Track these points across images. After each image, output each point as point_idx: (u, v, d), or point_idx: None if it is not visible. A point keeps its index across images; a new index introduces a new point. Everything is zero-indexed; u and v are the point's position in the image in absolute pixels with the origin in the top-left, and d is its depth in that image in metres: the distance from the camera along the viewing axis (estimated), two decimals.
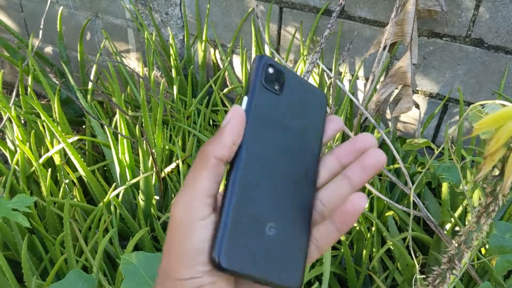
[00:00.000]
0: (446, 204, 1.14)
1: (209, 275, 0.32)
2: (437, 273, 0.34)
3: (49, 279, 0.90)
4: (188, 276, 0.32)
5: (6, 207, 0.86)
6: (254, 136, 0.35)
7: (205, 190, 0.33)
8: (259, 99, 0.36)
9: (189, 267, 0.32)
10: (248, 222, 0.33)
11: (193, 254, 0.32)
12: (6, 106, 1.24)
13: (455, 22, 1.27)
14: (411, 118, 1.46)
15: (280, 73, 0.37)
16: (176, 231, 0.33)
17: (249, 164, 0.34)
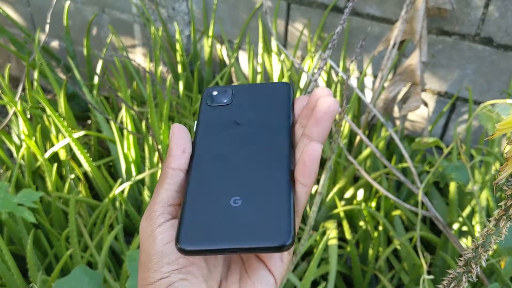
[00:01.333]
0: (453, 204, 1.13)
1: (176, 273, 0.34)
2: (452, 277, 0.34)
3: (54, 274, 0.90)
4: (156, 278, 0.34)
5: (12, 202, 0.86)
6: (206, 141, 0.39)
7: (163, 200, 0.36)
8: (205, 115, 0.41)
9: (156, 270, 0.34)
10: (207, 203, 0.35)
11: (158, 258, 0.34)
12: (13, 100, 1.24)
13: (464, 20, 1.26)
14: (419, 117, 1.44)
15: (225, 90, 0.42)
16: (143, 243, 0.36)
17: (202, 158, 0.38)
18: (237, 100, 0.41)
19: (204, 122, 0.40)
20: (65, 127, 1.14)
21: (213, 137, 0.39)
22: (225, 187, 0.36)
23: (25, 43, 1.65)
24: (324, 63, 0.50)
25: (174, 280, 0.34)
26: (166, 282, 0.34)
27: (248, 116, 0.40)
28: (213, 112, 0.41)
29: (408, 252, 1.06)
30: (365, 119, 1.27)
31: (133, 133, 1.13)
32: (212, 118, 0.40)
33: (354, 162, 0.97)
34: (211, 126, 0.40)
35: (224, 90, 0.42)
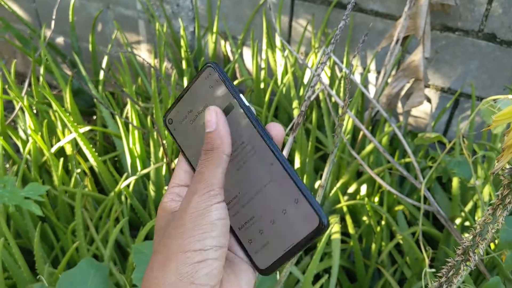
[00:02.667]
0: (456, 199, 1.14)
1: (215, 251, 0.36)
2: (451, 265, 0.34)
3: (60, 267, 0.91)
4: (197, 248, 0.35)
5: (19, 195, 0.87)
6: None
7: (220, 181, 0.38)
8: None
9: (198, 240, 0.35)
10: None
11: (207, 228, 0.36)
12: (19, 96, 1.25)
13: (468, 16, 1.26)
14: (422, 113, 1.45)
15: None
16: (194, 213, 0.37)
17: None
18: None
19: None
20: (71, 122, 1.15)
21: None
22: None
23: (30, 39, 1.67)
24: (327, 58, 0.51)
25: (210, 257, 0.35)
26: (204, 255, 0.35)
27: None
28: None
29: (410, 246, 1.06)
30: (369, 115, 1.27)
31: (139, 128, 1.14)
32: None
33: (357, 157, 0.98)
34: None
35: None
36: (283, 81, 1.49)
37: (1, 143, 1.20)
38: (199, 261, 0.35)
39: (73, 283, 0.74)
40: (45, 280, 0.83)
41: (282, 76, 1.53)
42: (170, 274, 0.35)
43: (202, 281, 0.35)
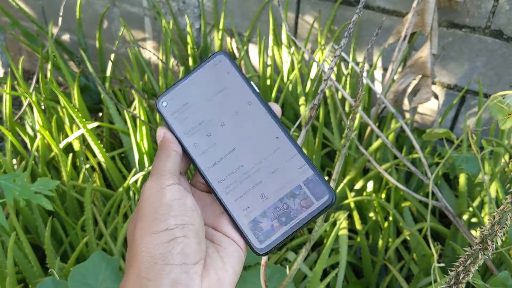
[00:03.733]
0: (463, 196, 1.14)
1: (180, 228, 0.36)
2: (468, 254, 0.35)
3: (71, 261, 0.92)
4: (163, 228, 0.36)
5: (29, 190, 0.87)
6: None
7: (170, 171, 0.40)
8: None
9: (162, 221, 0.36)
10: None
11: (165, 210, 0.37)
12: (27, 92, 1.26)
13: (475, 13, 1.26)
14: (428, 109, 1.45)
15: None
16: (148, 199, 0.38)
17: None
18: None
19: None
20: (80, 118, 1.16)
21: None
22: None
23: (37, 36, 1.67)
24: (340, 51, 0.51)
25: (177, 235, 0.36)
26: (170, 234, 0.36)
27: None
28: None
29: (418, 242, 1.07)
30: (376, 111, 1.28)
31: (147, 123, 1.15)
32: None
33: (365, 153, 0.98)
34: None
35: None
36: (289, 77, 1.49)
37: (10, 139, 1.21)
38: (168, 240, 0.35)
39: (85, 276, 0.75)
40: (56, 274, 0.84)
41: (288, 73, 1.53)
42: (144, 258, 0.35)
43: (177, 260, 0.35)
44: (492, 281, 0.72)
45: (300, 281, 1.08)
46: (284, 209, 0.38)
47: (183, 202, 0.38)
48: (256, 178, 0.39)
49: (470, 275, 0.35)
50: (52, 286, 0.75)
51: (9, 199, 0.80)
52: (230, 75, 0.42)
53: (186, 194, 0.39)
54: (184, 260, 0.35)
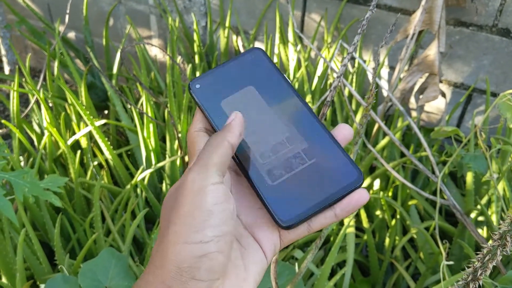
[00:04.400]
0: (470, 194, 1.14)
1: (216, 242, 0.33)
2: (487, 250, 0.35)
3: (79, 257, 0.92)
4: (197, 240, 0.33)
5: (39, 187, 0.88)
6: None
7: (217, 164, 0.36)
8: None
9: (198, 230, 0.33)
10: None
11: (205, 216, 0.33)
12: (35, 89, 1.26)
13: (482, 11, 1.26)
14: (435, 108, 1.45)
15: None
16: (189, 194, 0.34)
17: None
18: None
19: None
20: (87, 115, 1.16)
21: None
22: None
23: (44, 33, 1.68)
24: (354, 48, 0.51)
25: (211, 250, 0.33)
26: (204, 249, 0.33)
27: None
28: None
29: (425, 240, 1.07)
30: (383, 110, 1.27)
31: (154, 120, 1.15)
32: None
33: (372, 150, 0.98)
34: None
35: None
36: (296, 75, 1.49)
37: (18, 136, 1.21)
38: (200, 255, 0.33)
39: (94, 272, 0.75)
40: (65, 270, 0.84)
41: (294, 71, 1.53)
42: (171, 267, 0.33)
43: (203, 276, 0.33)
44: (502, 279, 0.72)
45: (307, 278, 1.09)
46: (312, 186, 0.38)
47: (224, 207, 0.34)
48: (284, 154, 0.40)
49: (488, 271, 0.36)
50: (62, 282, 0.75)
51: (19, 195, 0.80)
52: (267, 69, 0.44)
53: (229, 196, 0.35)
54: (210, 276, 0.33)
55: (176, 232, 0.33)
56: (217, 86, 0.43)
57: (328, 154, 0.39)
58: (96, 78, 1.69)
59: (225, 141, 0.37)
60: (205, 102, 0.43)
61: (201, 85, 0.43)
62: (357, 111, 1.39)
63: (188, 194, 0.34)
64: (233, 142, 0.38)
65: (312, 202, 0.38)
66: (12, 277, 0.94)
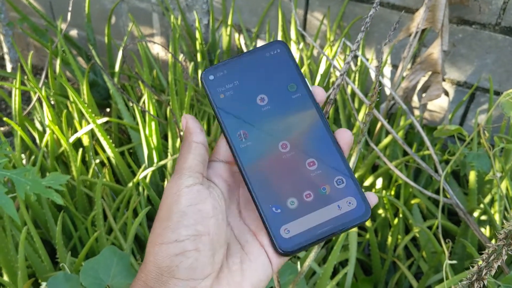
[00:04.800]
0: (473, 193, 1.14)
1: (192, 240, 0.34)
2: (492, 250, 0.35)
3: (81, 256, 0.92)
4: (172, 239, 0.34)
5: (41, 185, 0.87)
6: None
7: (191, 167, 0.37)
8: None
9: (173, 230, 0.34)
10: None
11: (178, 217, 0.34)
12: (37, 87, 1.26)
13: (485, 9, 1.25)
14: (437, 107, 1.45)
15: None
16: (165, 200, 0.36)
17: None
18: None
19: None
20: (90, 113, 1.16)
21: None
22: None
23: (46, 31, 1.67)
24: (357, 45, 0.51)
25: (188, 249, 0.33)
26: (180, 247, 0.33)
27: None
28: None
29: (428, 239, 1.06)
30: (386, 108, 1.27)
31: (156, 118, 1.14)
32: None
33: (375, 149, 0.98)
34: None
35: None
36: None
37: (20, 134, 1.21)
38: (176, 253, 0.33)
39: (96, 270, 0.75)
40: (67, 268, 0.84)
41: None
42: (151, 268, 0.34)
43: (183, 275, 0.33)
44: (505, 279, 0.71)
45: (309, 277, 1.08)
46: (318, 216, 0.37)
47: (199, 208, 0.35)
48: (292, 175, 0.38)
49: (492, 271, 0.35)
50: (64, 280, 0.75)
51: (20, 193, 0.80)
52: (285, 65, 0.41)
53: (205, 197, 0.36)
54: (191, 275, 0.33)
55: (155, 235, 0.35)
56: (231, 80, 0.40)
57: (340, 184, 0.37)
58: (98, 76, 1.68)
59: (192, 143, 0.39)
60: (216, 97, 0.40)
61: (215, 77, 0.41)
62: (359, 109, 1.39)
63: (165, 199, 0.36)
64: (199, 140, 0.39)
65: (314, 233, 0.36)
66: (14, 275, 0.93)
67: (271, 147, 0.38)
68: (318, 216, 0.37)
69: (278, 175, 0.38)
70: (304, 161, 0.38)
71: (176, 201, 0.35)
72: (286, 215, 0.37)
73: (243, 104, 0.40)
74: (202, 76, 0.41)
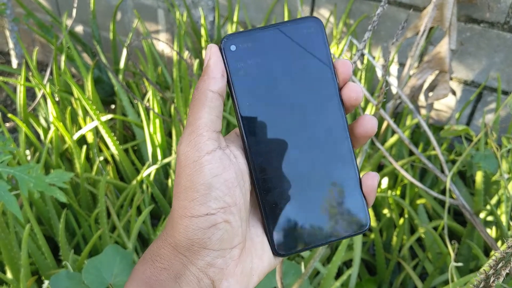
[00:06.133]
0: (479, 194, 1.13)
1: (222, 212, 0.33)
2: (500, 257, 0.34)
3: (84, 253, 0.91)
4: (203, 212, 0.33)
5: (44, 182, 0.87)
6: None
7: (207, 125, 0.34)
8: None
9: (202, 203, 0.33)
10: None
11: (205, 189, 0.33)
12: (41, 83, 1.26)
13: (494, 8, 1.24)
14: (444, 106, 1.43)
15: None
16: (185, 168, 0.33)
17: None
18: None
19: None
20: (94, 110, 1.16)
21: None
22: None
23: (51, 27, 1.67)
24: (364, 45, 0.50)
25: (219, 221, 0.33)
26: (212, 220, 0.33)
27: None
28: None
29: (434, 239, 1.05)
30: (392, 106, 1.26)
31: (161, 116, 1.14)
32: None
33: (381, 148, 0.97)
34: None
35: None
36: None
37: (24, 130, 1.21)
38: (209, 226, 0.33)
39: (99, 269, 0.74)
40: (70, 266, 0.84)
41: None
42: (181, 238, 0.33)
43: (215, 246, 0.33)
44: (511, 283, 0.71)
45: (313, 277, 1.08)
46: (318, 223, 0.36)
47: (225, 178, 0.33)
48: (300, 175, 0.36)
49: (501, 278, 0.34)
50: (66, 278, 0.75)
51: (23, 190, 0.80)
52: (317, 47, 0.36)
53: (228, 165, 0.34)
54: (222, 246, 0.33)
55: (181, 207, 0.33)
56: (256, 55, 0.35)
57: (346, 192, 0.36)
58: (103, 72, 1.68)
59: (208, 92, 0.34)
60: (236, 74, 0.35)
61: (237, 48, 0.35)
62: (365, 108, 1.38)
63: (184, 168, 0.33)
64: (217, 88, 0.34)
65: (312, 239, 0.36)
66: (17, 272, 0.93)
67: (284, 145, 0.36)
68: (319, 225, 0.36)
69: (287, 176, 0.36)
70: (314, 165, 0.36)
71: (199, 171, 0.33)
72: (287, 217, 0.36)
73: (264, 84, 0.35)
74: (222, 44, 0.35)
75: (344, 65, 0.36)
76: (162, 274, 0.33)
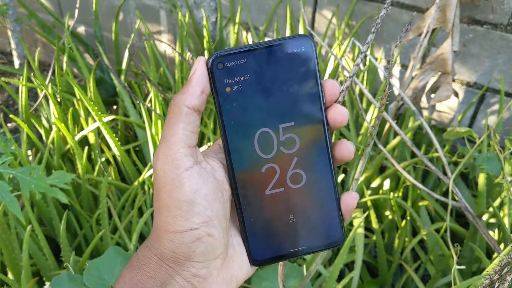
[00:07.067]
0: (482, 196, 1.12)
1: (205, 226, 0.34)
2: (506, 262, 0.33)
3: (85, 255, 0.91)
4: (187, 228, 0.34)
5: (45, 183, 0.87)
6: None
7: (183, 141, 0.34)
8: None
9: (186, 219, 0.34)
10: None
11: (187, 205, 0.34)
12: (43, 84, 1.26)
13: (497, 9, 1.23)
14: (446, 107, 1.43)
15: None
16: (164, 185, 0.34)
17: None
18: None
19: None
20: (96, 110, 1.15)
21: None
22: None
23: (53, 27, 1.67)
24: (367, 47, 0.50)
25: (202, 235, 0.34)
26: (196, 234, 0.34)
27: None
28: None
29: (436, 241, 1.05)
30: (394, 108, 1.26)
31: (163, 117, 1.14)
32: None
33: (383, 150, 0.97)
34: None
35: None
36: None
37: (26, 131, 1.21)
38: (193, 240, 0.34)
39: (100, 271, 0.74)
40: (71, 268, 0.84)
41: None
42: (166, 251, 0.35)
43: (199, 258, 0.35)
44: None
45: (315, 279, 1.07)
46: (295, 234, 0.38)
47: (204, 193, 0.34)
48: (281, 192, 0.38)
49: (505, 284, 0.34)
50: (67, 280, 0.75)
51: (25, 192, 0.80)
52: (306, 67, 0.36)
53: (206, 178, 0.34)
54: (205, 257, 0.35)
55: (165, 222, 0.34)
56: (244, 73, 0.35)
57: (323, 207, 0.38)
58: (105, 73, 1.68)
59: (184, 108, 0.34)
60: (221, 92, 0.35)
61: (224, 67, 0.35)
62: (367, 109, 1.38)
63: (164, 185, 0.34)
64: (193, 104, 0.34)
65: (288, 249, 0.38)
66: (18, 273, 0.93)
67: (266, 162, 0.37)
68: (295, 236, 0.38)
69: (266, 191, 0.37)
70: (293, 180, 0.38)
71: (179, 188, 0.33)
72: (266, 229, 0.38)
73: (250, 106, 0.36)
74: (210, 62, 0.35)
75: (332, 87, 0.37)
76: (148, 282, 0.35)
